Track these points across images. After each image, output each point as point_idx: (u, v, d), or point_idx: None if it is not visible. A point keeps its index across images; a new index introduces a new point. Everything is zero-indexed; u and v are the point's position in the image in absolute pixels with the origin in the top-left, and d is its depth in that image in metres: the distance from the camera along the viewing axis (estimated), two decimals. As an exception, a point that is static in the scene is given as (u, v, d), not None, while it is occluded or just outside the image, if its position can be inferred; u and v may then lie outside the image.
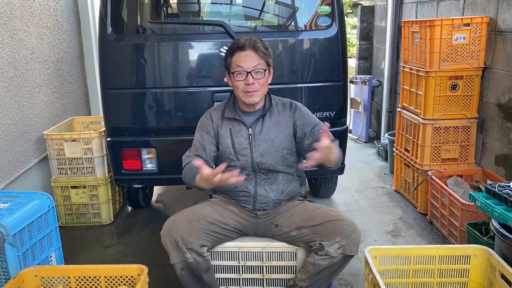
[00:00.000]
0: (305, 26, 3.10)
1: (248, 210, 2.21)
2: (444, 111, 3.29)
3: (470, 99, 3.27)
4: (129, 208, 3.72)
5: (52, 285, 2.09)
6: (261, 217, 2.20)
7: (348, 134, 5.59)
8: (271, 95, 2.23)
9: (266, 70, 2.10)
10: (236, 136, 2.17)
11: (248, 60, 2.06)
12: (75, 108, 4.25)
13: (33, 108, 3.45)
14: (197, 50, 2.97)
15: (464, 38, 3.15)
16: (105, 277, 2.08)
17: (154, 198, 3.91)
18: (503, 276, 1.95)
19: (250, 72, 2.06)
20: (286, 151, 2.18)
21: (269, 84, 2.20)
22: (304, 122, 2.17)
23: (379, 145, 4.92)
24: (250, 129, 2.17)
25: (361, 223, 3.30)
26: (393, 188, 3.96)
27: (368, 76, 5.48)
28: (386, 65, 5.03)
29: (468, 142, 3.33)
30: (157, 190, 4.07)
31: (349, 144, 5.19)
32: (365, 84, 5.41)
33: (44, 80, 3.63)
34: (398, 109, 3.81)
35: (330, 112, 3.04)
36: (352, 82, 5.58)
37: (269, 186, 2.18)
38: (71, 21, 4.26)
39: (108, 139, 3.04)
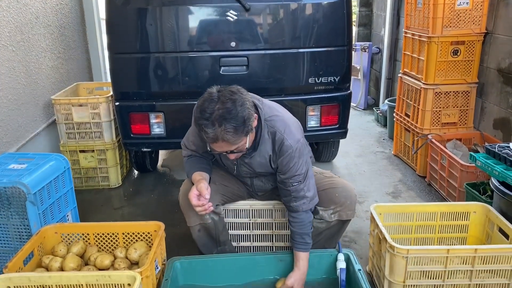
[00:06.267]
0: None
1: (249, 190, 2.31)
2: (445, 76, 3.35)
3: (471, 64, 3.33)
4: (136, 173, 3.80)
5: (71, 241, 2.19)
6: (260, 194, 2.32)
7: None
8: (263, 123, 1.93)
9: (245, 142, 1.83)
10: (223, 158, 2.09)
11: (224, 147, 1.80)
12: (78, 74, 4.26)
13: (39, 73, 3.47)
14: (205, 13, 2.97)
15: (467, 3, 3.18)
16: (123, 233, 2.18)
17: (159, 163, 3.99)
18: (501, 231, 2.08)
19: (228, 152, 1.86)
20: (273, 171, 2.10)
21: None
22: (282, 169, 1.99)
23: (378, 111, 4.99)
24: (235, 160, 2.05)
25: (362, 186, 3.41)
26: (392, 152, 4.06)
27: (368, 43, 5.48)
28: (386, 32, 5.05)
29: (467, 106, 3.41)
30: (161, 155, 4.14)
31: (349, 110, 5.26)
32: (365, 51, 5.43)
33: (49, 45, 3.64)
34: (399, 75, 3.86)
35: (334, 77, 3.09)
36: (352, 49, 5.59)
37: (265, 178, 2.20)
38: (71, -16, 4.22)
39: (117, 103, 3.08)
